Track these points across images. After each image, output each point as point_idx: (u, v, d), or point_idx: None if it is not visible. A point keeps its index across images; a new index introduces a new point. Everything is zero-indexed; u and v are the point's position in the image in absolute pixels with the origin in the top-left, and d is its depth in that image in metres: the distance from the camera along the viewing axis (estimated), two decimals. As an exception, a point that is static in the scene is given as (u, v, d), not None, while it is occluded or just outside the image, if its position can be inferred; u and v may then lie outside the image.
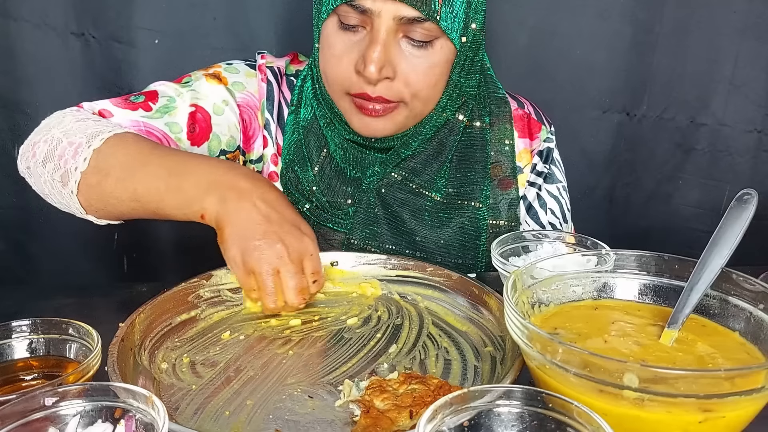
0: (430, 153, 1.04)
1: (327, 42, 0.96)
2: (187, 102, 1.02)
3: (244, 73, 1.08)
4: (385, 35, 0.90)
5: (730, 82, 1.58)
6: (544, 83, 1.57)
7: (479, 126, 1.06)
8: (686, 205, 1.68)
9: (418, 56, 0.93)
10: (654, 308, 0.70)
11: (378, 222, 1.03)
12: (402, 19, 0.89)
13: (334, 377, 0.71)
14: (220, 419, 0.64)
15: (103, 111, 0.99)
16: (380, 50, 0.90)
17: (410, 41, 0.92)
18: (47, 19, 1.41)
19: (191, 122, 1.01)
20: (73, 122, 0.92)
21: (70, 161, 0.88)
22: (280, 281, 0.81)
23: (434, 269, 0.90)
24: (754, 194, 0.67)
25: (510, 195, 1.07)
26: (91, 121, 0.93)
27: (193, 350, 0.76)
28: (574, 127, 1.58)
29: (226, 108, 1.04)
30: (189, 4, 1.44)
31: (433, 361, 0.75)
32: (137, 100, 1.01)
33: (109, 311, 0.88)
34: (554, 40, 1.55)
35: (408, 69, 0.93)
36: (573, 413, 0.49)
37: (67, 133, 0.91)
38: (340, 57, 0.94)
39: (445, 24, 0.91)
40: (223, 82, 1.05)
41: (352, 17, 0.91)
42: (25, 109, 1.46)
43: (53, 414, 0.52)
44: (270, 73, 1.08)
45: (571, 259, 0.73)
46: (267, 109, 1.07)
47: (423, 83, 0.95)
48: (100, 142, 0.88)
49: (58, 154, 0.89)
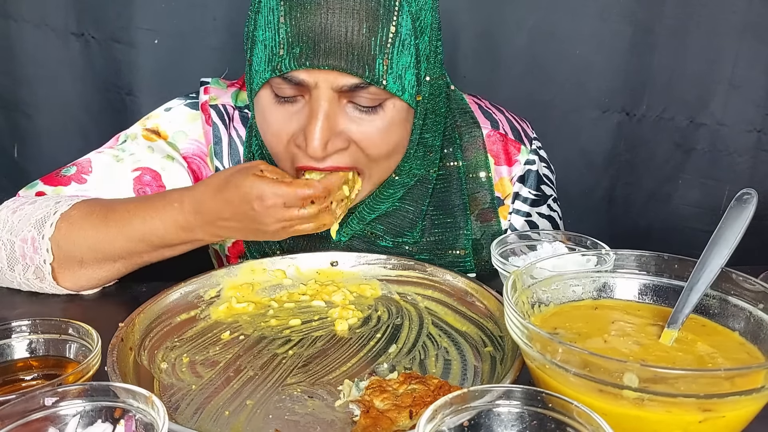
0: (405, 210, 0.97)
1: (263, 116, 0.88)
2: (129, 167, 0.96)
3: (185, 118, 1.00)
4: (327, 105, 0.81)
5: (730, 82, 1.57)
6: (543, 83, 1.57)
7: (453, 166, 0.99)
8: (686, 205, 1.68)
9: (369, 120, 0.84)
10: (654, 308, 0.70)
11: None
12: (342, 88, 0.81)
13: (334, 377, 0.71)
14: (220, 419, 0.64)
15: (39, 194, 0.94)
16: (322, 124, 0.81)
17: (356, 106, 0.84)
18: (47, 20, 1.41)
19: (139, 186, 0.95)
20: (11, 215, 0.87)
21: (35, 257, 0.85)
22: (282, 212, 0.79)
23: (434, 269, 0.90)
24: (753, 194, 0.67)
25: (492, 227, 1.02)
26: (27, 205, 0.88)
27: (193, 350, 0.76)
28: (573, 127, 1.58)
29: (173, 162, 0.97)
30: (189, 4, 1.44)
31: (432, 361, 0.75)
32: (68, 173, 0.95)
33: (109, 311, 0.88)
34: (554, 41, 1.55)
35: (360, 136, 0.84)
36: (573, 413, 0.49)
37: (13, 231, 0.86)
38: (278, 133, 0.86)
39: (393, 87, 0.82)
40: (162, 136, 0.99)
41: (287, 89, 0.83)
42: (25, 109, 1.46)
43: (53, 414, 0.52)
44: (215, 114, 0.99)
45: (571, 259, 0.73)
46: (216, 156, 0.99)
47: (381, 149, 0.86)
48: (52, 229, 0.84)
49: (19, 255, 0.86)
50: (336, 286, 0.89)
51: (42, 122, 1.47)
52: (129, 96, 1.46)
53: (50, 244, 0.84)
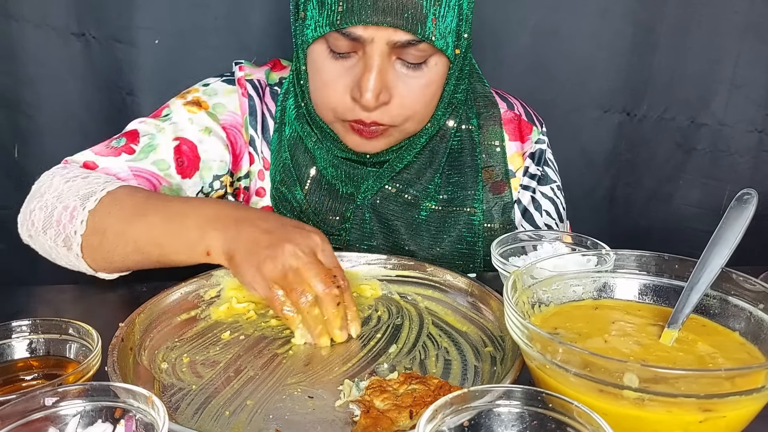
0: (423, 162, 1.03)
1: (316, 67, 0.93)
2: (169, 137, 1.00)
3: (223, 92, 1.05)
4: (380, 60, 0.88)
5: (731, 82, 1.57)
6: (544, 83, 1.57)
7: (467, 129, 1.05)
8: (687, 205, 1.68)
9: (414, 77, 0.91)
10: (654, 308, 0.70)
11: (374, 236, 1.03)
12: (396, 44, 0.87)
13: (334, 377, 0.71)
14: (221, 419, 0.64)
15: (88, 163, 0.97)
16: (376, 77, 0.88)
17: (404, 63, 0.90)
18: (48, 20, 1.41)
19: (178, 156, 1.00)
20: (62, 184, 0.90)
21: (68, 226, 0.87)
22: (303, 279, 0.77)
23: (434, 269, 0.90)
24: (754, 194, 0.67)
25: (504, 199, 1.06)
26: (80, 179, 0.91)
27: (193, 350, 0.76)
28: (574, 127, 1.58)
29: (210, 134, 1.02)
30: (190, 4, 1.44)
31: (433, 361, 0.75)
32: (119, 144, 0.99)
33: (109, 311, 0.88)
34: (555, 40, 1.55)
35: (404, 91, 0.91)
36: (573, 413, 0.49)
37: (59, 197, 0.89)
38: (332, 84, 0.92)
39: (439, 42, 0.89)
40: (204, 107, 1.03)
41: (343, 44, 0.89)
42: (25, 109, 1.46)
43: (53, 414, 0.52)
44: (250, 87, 1.05)
45: (571, 259, 0.73)
46: (251, 125, 1.04)
47: (419, 104, 0.94)
48: (95, 203, 0.87)
49: (55, 220, 0.88)
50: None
51: (43, 122, 1.47)
52: (130, 96, 1.45)
53: (87, 216, 0.86)
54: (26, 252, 0.95)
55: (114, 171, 0.96)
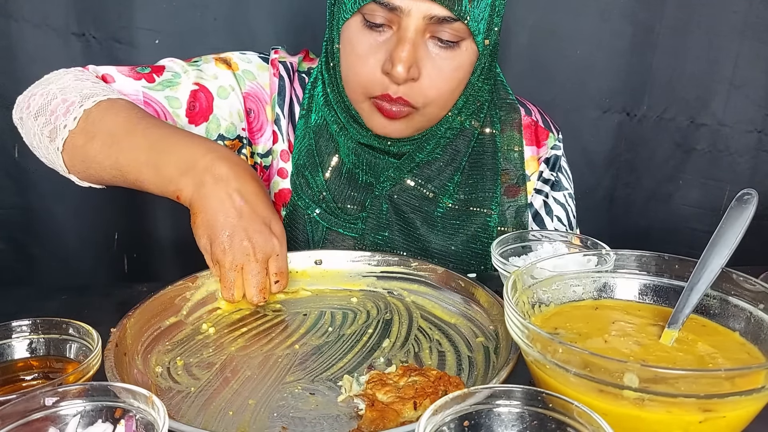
0: (445, 160, 1.03)
1: (350, 42, 0.93)
2: (191, 80, 1.02)
3: (256, 65, 1.07)
4: (414, 35, 0.88)
5: (731, 82, 1.58)
6: (544, 83, 1.57)
7: (489, 132, 1.06)
8: (686, 205, 1.68)
9: (444, 57, 0.91)
10: (654, 308, 0.70)
11: (390, 227, 1.03)
12: (432, 19, 0.87)
13: (332, 373, 0.71)
14: (225, 419, 0.64)
15: (107, 76, 0.99)
16: (409, 49, 0.88)
17: (437, 41, 0.90)
18: (48, 20, 1.41)
19: (192, 100, 1.01)
20: (71, 80, 0.93)
21: (61, 118, 0.89)
22: (242, 277, 0.82)
23: (419, 264, 0.90)
24: (754, 194, 0.67)
25: (518, 202, 1.07)
26: (89, 82, 0.93)
27: (186, 353, 0.76)
28: (574, 127, 1.58)
29: (231, 93, 1.03)
30: (189, 4, 1.44)
31: (427, 353, 0.76)
32: (143, 71, 1.01)
33: (109, 311, 0.87)
34: (554, 40, 1.56)
35: (433, 71, 0.92)
36: (573, 413, 0.49)
37: (63, 90, 0.91)
38: (365, 57, 0.92)
39: (473, 25, 0.90)
40: (233, 68, 1.05)
41: (379, 15, 0.89)
42: (25, 109, 1.46)
43: (53, 414, 0.52)
44: (282, 68, 1.07)
45: (571, 259, 0.73)
46: (278, 105, 1.06)
47: (446, 86, 0.94)
48: (92, 104, 0.88)
49: (50, 110, 0.90)
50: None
51: (42, 122, 1.47)
52: (129, 96, 1.46)
53: (82, 114, 0.88)
54: (26, 252, 0.95)
55: (127, 91, 0.98)
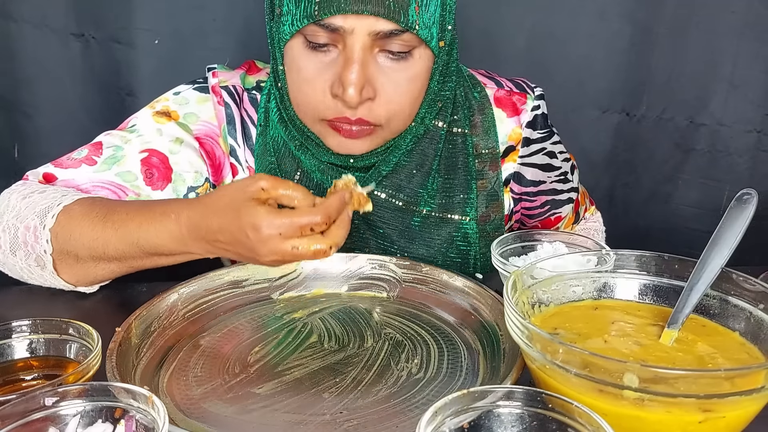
0: (413, 166, 0.98)
1: (294, 63, 0.88)
2: (136, 148, 0.96)
3: (195, 101, 1.00)
4: (361, 53, 0.83)
5: (730, 82, 1.58)
6: (543, 83, 1.55)
7: (460, 132, 1.01)
8: (686, 205, 1.68)
9: (398, 69, 0.87)
10: (654, 308, 0.70)
11: (367, 244, 0.99)
12: (378, 34, 0.83)
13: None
14: (228, 418, 0.64)
15: (48, 175, 0.93)
16: (358, 70, 0.83)
17: (388, 54, 0.86)
18: (47, 20, 1.41)
19: (147, 168, 0.95)
20: (19, 201, 0.87)
21: (36, 246, 0.85)
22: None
23: (430, 269, 0.89)
24: (753, 194, 0.67)
25: (496, 206, 1.03)
26: (36, 194, 0.88)
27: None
28: (573, 127, 1.58)
29: (182, 145, 0.97)
30: (188, 5, 1.44)
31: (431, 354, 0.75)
32: (80, 155, 0.95)
33: (109, 311, 0.88)
34: (552, 41, 1.55)
35: (389, 86, 0.87)
36: (573, 413, 0.49)
37: (18, 217, 0.86)
38: (312, 80, 0.87)
39: (423, 32, 0.85)
40: (173, 117, 0.99)
41: (322, 36, 0.84)
42: (25, 109, 1.46)
43: (53, 414, 0.52)
44: (226, 94, 1.00)
45: (571, 259, 0.73)
46: (230, 135, 0.99)
47: (406, 99, 0.90)
48: (53, 220, 0.83)
49: (21, 241, 0.85)
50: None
51: (42, 123, 1.47)
52: (129, 96, 1.46)
53: (50, 235, 0.84)
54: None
55: (75, 183, 0.93)
